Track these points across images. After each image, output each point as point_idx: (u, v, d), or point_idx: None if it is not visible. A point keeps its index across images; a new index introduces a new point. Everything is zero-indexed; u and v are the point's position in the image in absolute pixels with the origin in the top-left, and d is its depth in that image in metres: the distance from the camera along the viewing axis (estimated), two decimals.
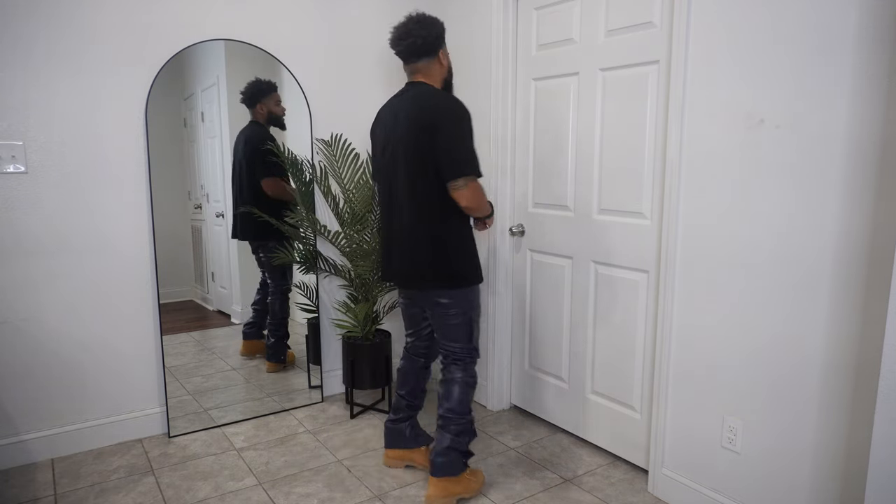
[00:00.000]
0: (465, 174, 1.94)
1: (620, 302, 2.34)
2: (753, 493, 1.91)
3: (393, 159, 2.05)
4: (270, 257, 2.82)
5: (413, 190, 2.00)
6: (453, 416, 2.11)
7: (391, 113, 2.08)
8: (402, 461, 2.37)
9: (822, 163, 1.65)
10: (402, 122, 2.01)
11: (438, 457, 2.11)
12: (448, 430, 2.12)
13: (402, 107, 2.04)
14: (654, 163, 2.16)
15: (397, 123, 2.03)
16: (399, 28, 2.03)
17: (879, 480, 1.42)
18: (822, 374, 1.71)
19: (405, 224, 2.05)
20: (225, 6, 2.63)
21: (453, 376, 2.14)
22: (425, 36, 2.01)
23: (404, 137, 1.99)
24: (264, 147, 2.75)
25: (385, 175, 2.11)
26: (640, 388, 2.31)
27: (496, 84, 2.71)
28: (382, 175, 2.13)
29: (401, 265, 2.09)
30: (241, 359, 2.89)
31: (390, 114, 2.08)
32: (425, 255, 2.03)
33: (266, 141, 2.73)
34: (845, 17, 1.57)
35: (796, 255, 1.73)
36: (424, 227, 2.02)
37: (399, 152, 2.02)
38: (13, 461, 2.39)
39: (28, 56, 2.27)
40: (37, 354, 2.41)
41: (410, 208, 2.02)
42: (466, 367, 2.15)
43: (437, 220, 2.02)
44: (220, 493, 2.21)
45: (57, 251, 2.40)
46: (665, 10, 2.06)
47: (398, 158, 2.03)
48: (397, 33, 2.03)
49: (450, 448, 2.11)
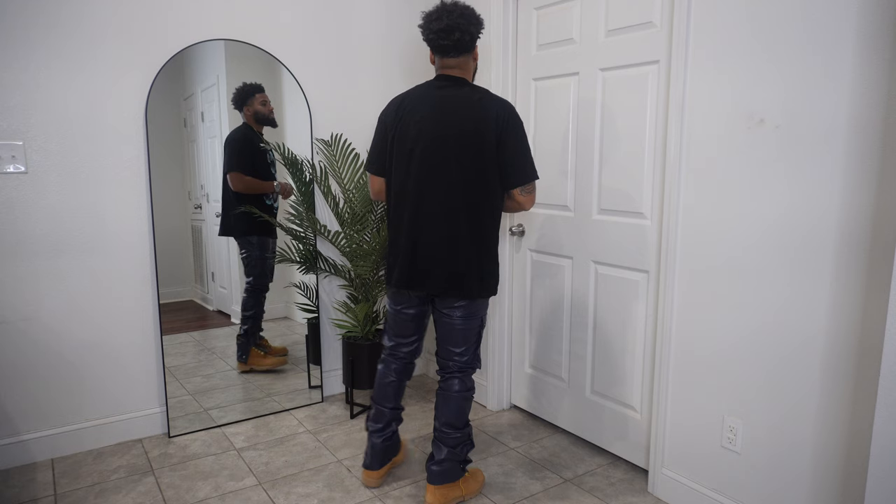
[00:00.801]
0: (534, 178, 1.98)
1: (620, 302, 2.34)
2: (753, 493, 1.91)
3: (439, 157, 1.93)
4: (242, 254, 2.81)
5: (465, 193, 1.93)
6: (451, 430, 2.10)
7: (433, 106, 1.95)
8: (386, 474, 2.28)
9: (822, 163, 1.65)
10: (460, 120, 1.92)
11: (435, 465, 2.10)
12: (446, 443, 2.10)
13: (451, 104, 1.94)
14: (654, 163, 2.16)
15: (449, 120, 1.92)
16: (442, 18, 1.92)
17: (879, 480, 1.42)
18: (822, 375, 1.71)
19: (445, 226, 1.94)
20: (225, 6, 2.63)
21: (452, 389, 2.10)
22: (473, 32, 1.96)
23: (465, 138, 1.91)
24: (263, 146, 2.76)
25: (418, 170, 1.95)
26: (640, 388, 2.31)
27: (496, 84, 2.71)
28: (411, 169, 1.97)
29: (435, 268, 1.97)
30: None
31: (431, 106, 1.95)
32: (472, 261, 1.97)
33: (243, 139, 2.72)
34: (846, 16, 1.57)
35: (797, 257, 1.73)
36: (474, 232, 1.96)
37: (451, 152, 1.92)
38: (13, 461, 2.39)
39: (28, 56, 2.27)
40: (37, 354, 2.41)
41: (456, 211, 1.93)
42: (465, 378, 2.12)
43: (489, 227, 1.98)
44: (220, 493, 2.21)
45: (57, 251, 2.40)
46: (665, 10, 2.06)
47: (449, 158, 1.92)
48: (442, 24, 1.92)
49: (447, 459, 2.10)
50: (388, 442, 2.23)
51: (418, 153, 1.95)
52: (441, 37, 1.94)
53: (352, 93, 3.01)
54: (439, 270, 1.97)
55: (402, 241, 2.01)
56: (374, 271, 2.83)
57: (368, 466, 2.23)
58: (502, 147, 1.92)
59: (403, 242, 2.00)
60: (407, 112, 1.99)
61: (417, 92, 2.01)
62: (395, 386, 2.21)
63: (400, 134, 2.00)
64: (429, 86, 2.01)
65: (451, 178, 1.93)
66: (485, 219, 1.97)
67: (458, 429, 2.10)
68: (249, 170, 2.76)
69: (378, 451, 2.22)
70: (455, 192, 1.93)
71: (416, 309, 2.13)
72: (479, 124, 1.90)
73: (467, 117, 1.91)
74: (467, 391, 2.11)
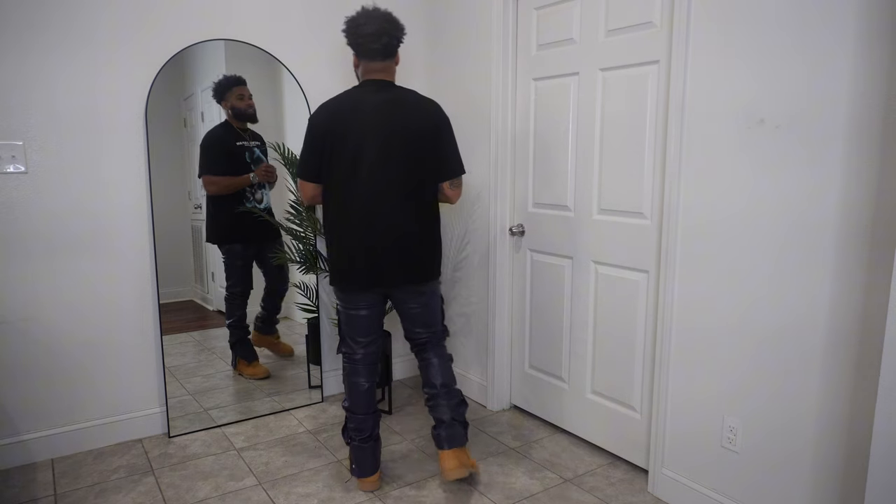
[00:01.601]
0: (462, 173, 2.17)
1: (620, 302, 2.34)
2: (753, 493, 1.91)
3: (386, 158, 2.01)
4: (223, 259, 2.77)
5: (411, 189, 2.06)
6: (449, 389, 2.23)
7: (373, 110, 2.02)
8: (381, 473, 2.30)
9: (823, 163, 1.65)
10: (401, 122, 2.02)
11: (444, 430, 2.18)
12: (450, 399, 2.22)
13: (389, 107, 2.03)
14: (654, 163, 2.16)
15: (391, 123, 2.02)
16: (370, 23, 2.01)
17: (879, 480, 1.42)
18: (822, 375, 1.71)
19: (401, 223, 2.05)
20: (225, 6, 2.64)
21: (441, 353, 2.26)
22: (398, 37, 2.09)
23: (404, 139, 2.02)
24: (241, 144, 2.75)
25: (368, 173, 2.02)
26: (640, 388, 2.31)
27: (496, 84, 2.71)
28: (359, 173, 2.02)
29: (394, 263, 2.07)
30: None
31: (371, 111, 2.02)
32: (427, 251, 2.13)
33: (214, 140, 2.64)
34: (845, 17, 1.57)
35: (798, 258, 1.73)
36: (424, 224, 2.11)
37: (397, 152, 2.02)
38: (13, 461, 2.39)
39: (28, 56, 2.27)
40: (37, 354, 2.41)
41: (406, 207, 2.06)
42: (444, 346, 2.31)
43: (433, 218, 2.15)
44: (220, 493, 2.21)
45: (57, 251, 2.40)
46: (665, 10, 2.06)
47: (396, 158, 2.02)
48: (371, 29, 2.01)
49: (453, 420, 2.20)
50: (376, 444, 2.22)
51: (366, 157, 2.02)
52: (370, 41, 2.03)
53: None
54: (401, 264, 2.09)
55: (356, 243, 2.06)
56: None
57: (363, 475, 2.20)
58: (437, 144, 2.08)
59: (358, 245, 2.06)
60: (344, 119, 2.03)
61: (349, 98, 2.06)
62: (370, 391, 2.23)
63: (339, 140, 2.03)
64: (361, 91, 2.07)
65: (399, 177, 2.04)
66: (433, 211, 2.14)
67: (454, 386, 2.26)
68: (222, 171, 2.68)
69: (368, 456, 2.19)
70: (404, 190, 2.05)
71: (372, 309, 2.19)
72: (419, 123, 2.04)
73: (407, 118, 2.04)
74: (450, 358, 2.30)
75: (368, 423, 2.20)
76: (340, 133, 2.03)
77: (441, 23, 3.04)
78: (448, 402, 2.21)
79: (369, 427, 2.20)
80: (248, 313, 2.85)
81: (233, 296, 2.80)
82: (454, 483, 2.27)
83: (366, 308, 2.17)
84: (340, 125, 2.03)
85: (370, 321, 2.20)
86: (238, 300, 2.81)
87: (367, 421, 2.20)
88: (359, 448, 2.19)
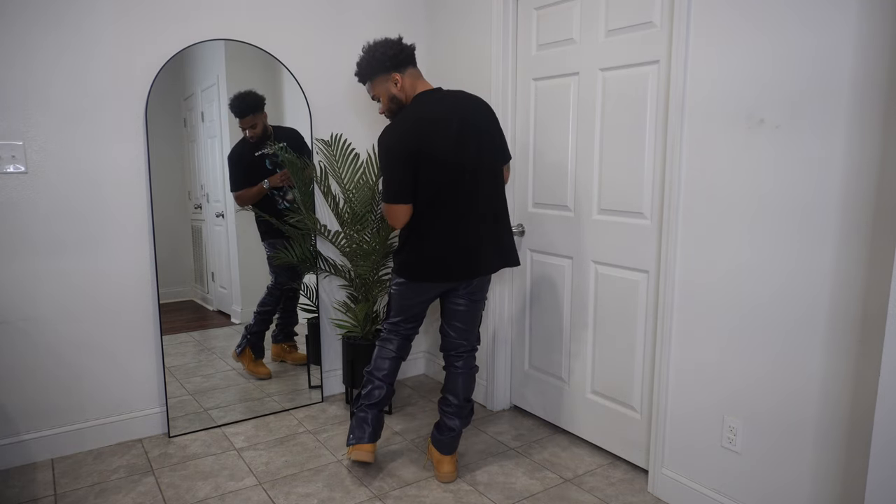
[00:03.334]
0: (511, 157, 2.39)
1: (620, 302, 2.34)
2: (753, 493, 1.91)
3: (477, 154, 2.11)
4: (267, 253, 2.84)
5: (497, 179, 2.18)
6: (468, 404, 2.31)
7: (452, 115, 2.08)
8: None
9: (823, 163, 1.65)
10: (477, 120, 2.13)
11: (447, 436, 2.27)
12: (462, 414, 2.28)
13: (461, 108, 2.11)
14: (654, 162, 2.16)
15: (470, 122, 2.11)
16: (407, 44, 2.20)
17: (879, 480, 1.42)
18: (823, 374, 1.71)
19: (494, 213, 2.17)
20: (225, 6, 2.63)
21: (471, 366, 2.31)
22: None
23: (486, 133, 2.15)
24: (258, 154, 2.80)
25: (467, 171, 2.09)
26: (640, 388, 2.31)
27: (496, 84, 2.71)
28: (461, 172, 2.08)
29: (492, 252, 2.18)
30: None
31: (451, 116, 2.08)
32: (510, 236, 2.26)
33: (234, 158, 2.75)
34: (845, 20, 1.57)
35: (799, 259, 1.73)
36: (505, 211, 2.23)
37: (484, 147, 2.14)
38: (13, 461, 2.39)
39: (28, 56, 2.27)
40: (37, 354, 2.41)
41: (496, 197, 2.17)
42: (475, 356, 2.34)
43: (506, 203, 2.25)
44: (220, 493, 2.21)
45: (57, 251, 2.40)
46: (665, 10, 2.06)
47: (483, 152, 2.13)
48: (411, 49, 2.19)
49: (458, 430, 2.28)
50: (380, 414, 2.29)
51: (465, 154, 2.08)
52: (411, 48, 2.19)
53: (352, 93, 3.01)
54: (500, 252, 2.20)
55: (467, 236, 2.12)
56: (374, 271, 2.83)
57: (362, 440, 2.25)
58: (496, 133, 2.20)
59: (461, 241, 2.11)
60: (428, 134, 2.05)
61: (427, 112, 2.09)
62: (393, 360, 2.30)
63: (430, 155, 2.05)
64: (426, 104, 2.12)
65: (490, 168, 2.15)
66: (505, 196, 2.24)
67: (470, 403, 2.33)
68: (244, 184, 2.78)
69: (371, 421, 2.26)
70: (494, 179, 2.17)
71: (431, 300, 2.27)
72: (483, 117, 2.16)
73: (483, 115, 2.15)
74: (477, 370, 2.35)
75: (381, 392, 2.27)
76: (429, 148, 2.04)
77: (441, 23, 3.04)
78: (462, 414, 2.29)
79: (379, 396, 2.27)
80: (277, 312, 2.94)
81: (275, 287, 2.90)
82: (454, 483, 2.28)
83: (430, 300, 2.26)
84: (427, 141, 2.04)
85: (420, 310, 2.28)
86: (277, 292, 2.90)
87: (381, 388, 2.27)
88: (362, 412, 2.26)
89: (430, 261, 2.14)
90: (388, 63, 2.13)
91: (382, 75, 2.15)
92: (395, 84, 2.15)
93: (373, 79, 2.18)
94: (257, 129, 2.77)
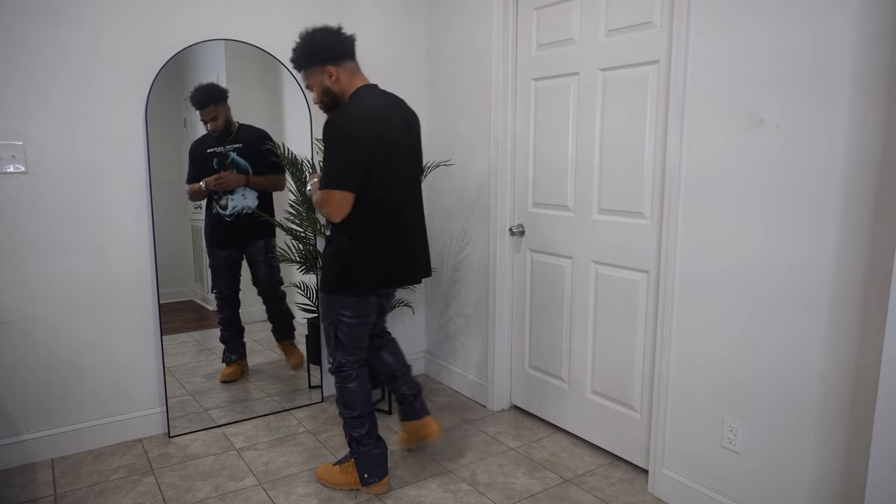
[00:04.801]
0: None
1: (620, 302, 2.34)
2: (753, 493, 1.91)
3: (412, 158, 2.14)
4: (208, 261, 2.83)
5: (418, 186, 2.19)
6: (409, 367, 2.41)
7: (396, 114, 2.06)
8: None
9: (823, 162, 1.65)
10: (410, 124, 2.13)
11: (418, 401, 2.35)
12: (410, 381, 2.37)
13: (401, 109, 2.12)
14: (654, 163, 2.16)
15: (411, 125, 2.14)
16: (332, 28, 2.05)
17: (879, 480, 1.42)
18: (823, 370, 1.71)
19: (420, 220, 2.20)
20: (225, 6, 2.64)
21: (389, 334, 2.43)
22: None
23: (417, 138, 2.18)
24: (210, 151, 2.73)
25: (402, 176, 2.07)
26: (640, 388, 2.31)
27: (496, 84, 2.71)
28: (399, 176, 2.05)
29: (422, 259, 2.22)
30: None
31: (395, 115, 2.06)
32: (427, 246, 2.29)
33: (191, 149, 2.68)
34: (845, 16, 1.57)
35: (799, 259, 1.73)
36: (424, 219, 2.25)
37: (417, 153, 2.18)
38: (13, 461, 2.39)
39: (29, 56, 2.27)
40: (37, 354, 2.41)
41: (418, 204, 2.19)
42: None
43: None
44: (220, 493, 2.21)
45: (57, 251, 2.40)
46: (665, 10, 2.06)
47: (416, 157, 2.18)
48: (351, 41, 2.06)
49: (420, 390, 2.37)
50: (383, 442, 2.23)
51: (401, 159, 2.08)
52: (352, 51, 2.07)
53: None
54: (425, 259, 2.25)
55: (397, 244, 2.07)
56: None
57: (382, 476, 2.18)
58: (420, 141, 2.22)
59: (401, 244, 2.10)
60: (381, 125, 1.98)
61: (379, 101, 2.04)
62: (370, 388, 2.21)
63: (382, 146, 1.98)
64: (373, 96, 2.04)
65: (414, 176, 2.16)
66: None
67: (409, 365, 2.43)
68: (192, 179, 2.69)
69: (385, 456, 2.20)
70: (416, 186, 2.18)
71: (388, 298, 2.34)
72: (416, 122, 2.19)
73: (411, 118, 2.16)
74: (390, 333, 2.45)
75: (376, 423, 2.19)
76: (383, 139, 1.98)
77: (441, 23, 3.04)
78: (410, 377, 2.39)
79: (377, 426, 2.19)
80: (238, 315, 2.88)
81: (215, 297, 2.83)
82: (454, 483, 2.28)
83: (375, 312, 2.17)
84: (382, 132, 1.98)
85: (368, 328, 2.16)
86: (219, 301, 2.83)
87: (375, 420, 2.18)
88: (374, 451, 2.16)
89: (384, 264, 2.04)
90: (324, 55, 1.99)
91: (317, 66, 2.01)
92: (329, 77, 2.01)
93: (308, 69, 2.03)
94: (218, 122, 2.67)
